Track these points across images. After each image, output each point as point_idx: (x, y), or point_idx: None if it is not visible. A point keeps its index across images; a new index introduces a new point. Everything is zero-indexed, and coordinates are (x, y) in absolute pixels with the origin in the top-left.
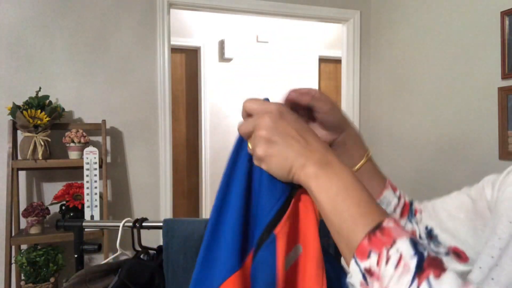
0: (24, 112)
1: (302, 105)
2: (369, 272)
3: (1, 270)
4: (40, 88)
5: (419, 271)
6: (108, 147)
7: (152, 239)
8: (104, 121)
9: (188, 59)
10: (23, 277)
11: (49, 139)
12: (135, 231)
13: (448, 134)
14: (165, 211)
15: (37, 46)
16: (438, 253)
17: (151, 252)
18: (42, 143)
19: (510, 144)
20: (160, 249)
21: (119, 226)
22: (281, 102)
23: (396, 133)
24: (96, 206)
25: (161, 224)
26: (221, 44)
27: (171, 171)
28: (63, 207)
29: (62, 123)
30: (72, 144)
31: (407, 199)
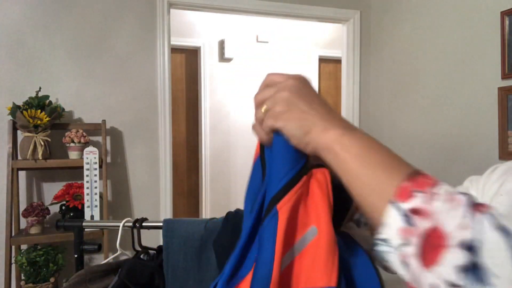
0: (24, 112)
1: None
2: (416, 212)
3: (1, 270)
4: (40, 88)
5: (470, 204)
6: (108, 147)
7: (152, 239)
8: (104, 121)
9: (188, 59)
10: (23, 277)
11: (49, 139)
12: (135, 231)
13: (448, 134)
14: (165, 211)
15: (37, 46)
16: None
17: (151, 252)
18: (42, 143)
19: (510, 144)
20: (160, 249)
21: (119, 226)
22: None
23: (396, 133)
24: (96, 206)
25: (161, 224)
26: (221, 44)
27: (171, 171)
28: (63, 207)
29: (62, 123)
30: (72, 144)
31: None
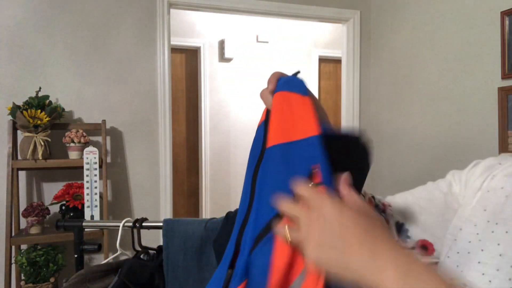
0: (24, 112)
1: None
2: None
3: (1, 270)
4: (40, 88)
5: None
6: (108, 147)
7: (152, 239)
8: (104, 121)
9: (188, 59)
10: (23, 277)
11: (49, 139)
12: (135, 231)
13: (448, 134)
14: (165, 211)
15: (37, 46)
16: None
17: (151, 252)
18: (42, 143)
19: (510, 144)
20: (160, 249)
21: (119, 226)
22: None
23: (396, 133)
24: (96, 206)
25: (161, 224)
26: (221, 44)
27: (171, 171)
28: (63, 207)
29: (62, 123)
30: (72, 144)
31: (369, 194)
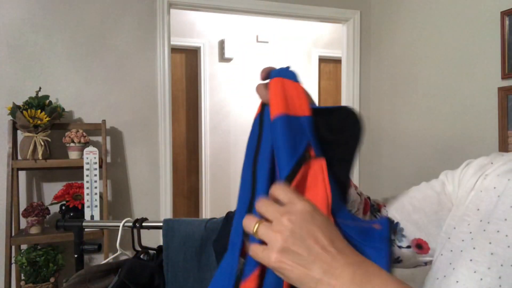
0: (24, 112)
1: None
2: None
3: (1, 270)
4: (40, 88)
5: None
6: (108, 147)
7: (152, 239)
8: (104, 121)
9: (188, 59)
10: (23, 277)
11: (49, 139)
12: (135, 231)
13: (448, 134)
14: (165, 211)
15: (37, 46)
16: (401, 247)
17: (151, 252)
18: (42, 143)
19: (510, 144)
20: (160, 249)
21: (119, 226)
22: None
23: (396, 133)
24: (96, 206)
25: (161, 224)
26: (221, 44)
27: (171, 171)
28: (63, 207)
29: (62, 123)
30: (72, 144)
31: (365, 195)
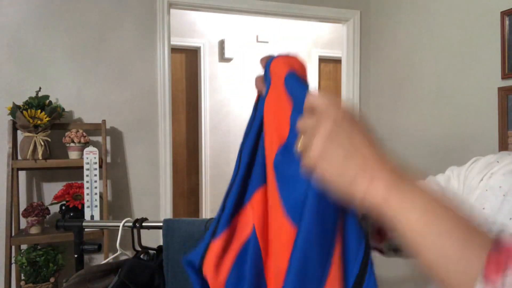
0: (24, 112)
1: None
2: None
3: (1, 270)
4: (40, 88)
5: None
6: (108, 147)
7: (152, 239)
8: (104, 121)
9: (188, 59)
10: (23, 277)
11: (49, 139)
12: (135, 231)
13: (448, 134)
14: (165, 211)
15: (37, 46)
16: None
17: (151, 252)
18: (42, 143)
19: (510, 144)
20: (160, 249)
21: (119, 226)
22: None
23: (396, 133)
24: (96, 206)
25: (161, 224)
26: (221, 44)
27: (171, 171)
28: (63, 207)
29: (62, 123)
30: (72, 144)
31: None
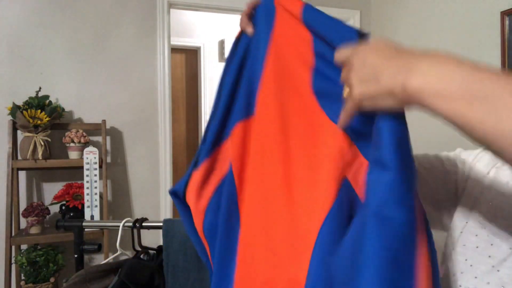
0: (24, 112)
1: None
2: None
3: (1, 270)
4: (40, 88)
5: None
6: (108, 147)
7: (152, 239)
8: (104, 121)
9: (188, 59)
10: (23, 277)
11: (49, 139)
12: (135, 231)
13: (448, 134)
14: (165, 211)
15: (37, 46)
16: None
17: (151, 252)
18: (42, 143)
19: None
20: (160, 249)
21: (119, 226)
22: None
23: None
24: (96, 206)
25: (161, 224)
26: (221, 44)
27: (171, 171)
28: (63, 207)
29: (62, 123)
30: (72, 144)
31: None
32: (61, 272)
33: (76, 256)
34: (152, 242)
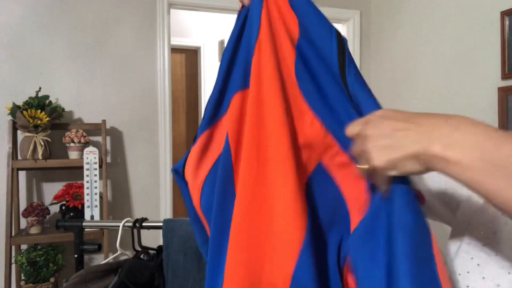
0: (24, 112)
1: None
2: None
3: (1, 270)
4: (40, 88)
5: None
6: (108, 147)
7: (152, 239)
8: (104, 121)
9: (188, 59)
10: (23, 277)
11: (49, 139)
12: (135, 231)
13: None
14: (165, 211)
15: (37, 46)
16: None
17: (151, 252)
18: (42, 143)
19: None
20: (160, 249)
21: (119, 226)
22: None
23: None
24: (96, 206)
25: (161, 224)
26: (221, 44)
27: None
28: (63, 207)
29: (62, 123)
30: (72, 144)
31: None
32: (61, 272)
33: (76, 256)
34: (152, 242)
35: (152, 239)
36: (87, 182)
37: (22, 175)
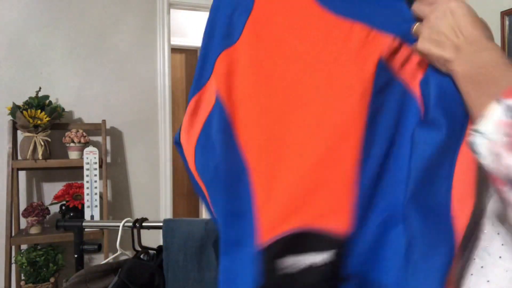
0: (24, 112)
1: None
2: None
3: (1, 270)
4: (40, 88)
5: None
6: (108, 147)
7: (152, 239)
8: (104, 121)
9: (188, 59)
10: (23, 277)
11: (49, 139)
12: (135, 231)
13: None
14: (165, 211)
15: (37, 46)
16: None
17: (151, 252)
18: (42, 143)
19: None
20: (160, 249)
21: (119, 226)
22: None
23: None
24: (96, 206)
25: (161, 224)
26: None
27: (171, 171)
28: (63, 207)
29: (62, 123)
30: (72, 144)
31: None
32: (61, 272)
33: (76, 256)
34: (152, 242)
35: (152, 239)
36: (87, 182)
37: (22, 175)
